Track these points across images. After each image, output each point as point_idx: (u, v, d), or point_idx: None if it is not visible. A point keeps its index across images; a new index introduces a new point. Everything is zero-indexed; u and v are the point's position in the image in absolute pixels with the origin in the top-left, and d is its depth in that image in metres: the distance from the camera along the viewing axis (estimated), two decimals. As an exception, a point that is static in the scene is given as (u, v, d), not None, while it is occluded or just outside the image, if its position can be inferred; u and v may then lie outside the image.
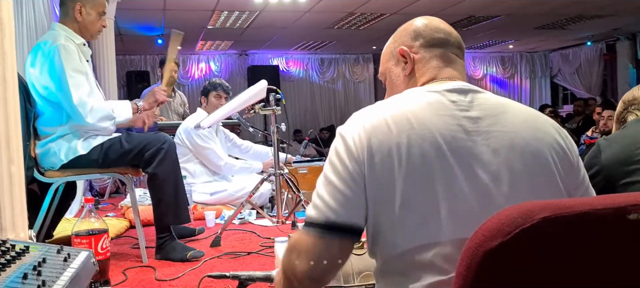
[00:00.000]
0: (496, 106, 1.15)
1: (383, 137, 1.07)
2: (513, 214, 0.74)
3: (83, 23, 2.73)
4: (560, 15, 8.84)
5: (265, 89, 3.26)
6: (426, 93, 1.16)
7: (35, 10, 3.92)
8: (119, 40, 8.20)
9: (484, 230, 0.76)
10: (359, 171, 1.07)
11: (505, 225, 0.74)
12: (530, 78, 13.60)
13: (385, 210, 1.07)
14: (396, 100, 1.17)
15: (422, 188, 1.05)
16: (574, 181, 1.15)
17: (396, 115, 1.10)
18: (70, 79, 2.57)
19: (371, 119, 1.11)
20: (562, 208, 0.73)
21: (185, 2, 7.05)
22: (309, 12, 7.81)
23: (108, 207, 4.88)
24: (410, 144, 1.06)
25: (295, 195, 3.34)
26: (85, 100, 2.60)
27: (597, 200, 0.77)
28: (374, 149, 1.07)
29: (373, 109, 1.15)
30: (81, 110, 2.59)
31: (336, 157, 1.11)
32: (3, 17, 1.81)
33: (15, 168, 1.88)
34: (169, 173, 2.75)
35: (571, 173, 1.15)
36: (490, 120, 1.12)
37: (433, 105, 1.12)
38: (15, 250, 1.47)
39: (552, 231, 0.73)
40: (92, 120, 2.62)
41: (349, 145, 1.09)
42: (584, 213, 0.74)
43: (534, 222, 0.72)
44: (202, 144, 4.31)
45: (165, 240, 2.79)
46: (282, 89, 4.96)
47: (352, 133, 1.10)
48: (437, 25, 1.28)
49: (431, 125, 1.09)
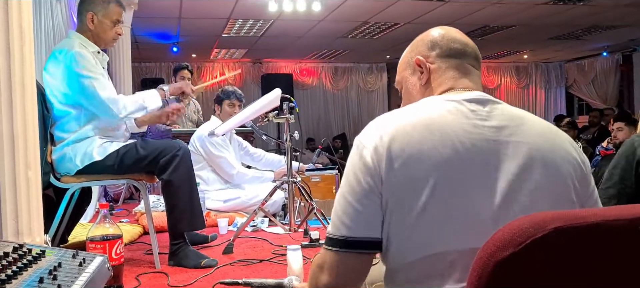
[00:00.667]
0: (514, 117, 1.15)
1: (403, 143, 1.07)
2: (525, 224, 0.74)
3: (95, 31, 2.76)
4: (575, 26, 8.79)
5: (279, 97, 3.27)
6: (445, 101, 1.17)
7: (53, 18, 3.98)
8: (134, 48, 8.28)
9: (496, 240, 0.76)
10: (374, 185, 1.08)
11: (516, 236, 0.74)
12: (545, 88, 13.50)
13: (401, 217, 1.07)
14: (415, 108, 1.17)
15: (440, 195, 1.05)
16: (585, 194, 1.15)
17: (416, 121, 1.11)
18: (94, 82, 2.63)
19: (390, 126, 1.11)
20: (574, 219, 0.73)
21: (200, 11, 7.11)
22: (323, 21, 7.83)
23: (122, 212, 4.91)
24: (430, 150, 1.06)
25: (307, 203, 3.34)
26: (114, 97, 2.68)
27: (609, 211, 0.77)
28: (394, 155, 1.07)
29: (392, 115, 1.15)
30: (113, 106, 2.66)
31: (352, 172, 1.12)
32: (23, 24, 1.84)
33: (33, 174, 1.91)
34: (183, 180, 2.76)
35: (585, 187, 1.15)
36: (509, 130, 1.12)
37: (452, 113, 1.13)
38: (32, 254, 1.49)
39: (563, 241, 0.73)
40: (125, 113, 2.70)
41: (365, 159, 1.09)
42: (596, 224, 0.74)
43: (546, 233, 0.72)
44: (215, 152, 4.33)
45: (179, 246, 2.80)
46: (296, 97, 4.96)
47: (369, 143, 1.11)
48: (453, 35, 1.28)
49: (451, 132, 1.09)
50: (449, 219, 1.05)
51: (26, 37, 1.86)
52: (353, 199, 1.10)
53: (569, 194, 1.10)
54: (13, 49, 1.80)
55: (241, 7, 6.95)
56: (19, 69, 1.83)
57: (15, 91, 1.82)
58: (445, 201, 1.05)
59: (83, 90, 2.62)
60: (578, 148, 1.19)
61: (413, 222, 1.05)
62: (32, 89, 1.91)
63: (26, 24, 1.86)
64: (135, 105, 2.75)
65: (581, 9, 7.55)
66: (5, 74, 1.79)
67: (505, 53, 11.66)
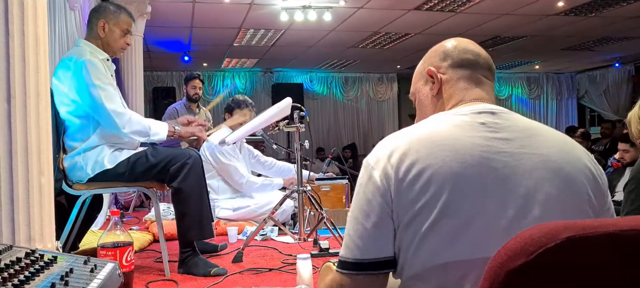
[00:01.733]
0: (526, 128, 1.15)
1: (412, 162, 1.07)
2: (537, 234, 0.73)
3: (106, 39, 2.79)
4: (587, 37, 8.75)
5: (290, 106, 3.28)
6: (453, 116, 1.17)
7: (67, 26, 4.03)
8: (146, 57, 8.36)
9: (507, 249, 0.75)
10: (385, 205, 1.08)
11: (528, 245, 0.73)
12: (556, 99, 13.44)
13: (412, 231, 1.07)
14: (423, 125, 1.18)
15: (451, 211, 1.04)
16: (601, 207, 1.14)
17: (424, 138, 1.11)
18: (101, 92, 2.62)
19: (399, 144, 1.11)
20: (587, 229, 0.73)
21: (212, 21, 7.16)
22: (334, 31, 7.86)
23: (132, 220, 4.94)
24: (439, 166, 1.06)
25: (317, 212, 3.34)
26: (120, 110, 2.66)
27: (622, 221, 0.76)
28: (403, 174, 1.07)
29: (400, 134, 1.16)
30: (118, 119, 2.64)
31: (362, 193, 1.13)
32: (38, 33, 1.87)
33: (46, 180, 1.93)
34: (193, 188, 2.77)
35: (600, 199, 1.14)
36: (521, 142, 1.11)
37: (461, 128, 1.12)
38: (44, 260, 1.50)
39: (576, 251, 0.72)
40: (128, 130, 2.67)
41: (375, 179, 1.10)
42: (609, 234, 0.73)
43: (558, 242, 0.72)
44: (224, 160, 4.34)
45: (188, 255, 2.80)
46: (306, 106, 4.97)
47: (378, 163, 1.11)
48: (465, 46, 1.29)
49: (460, 146, 1.08)
50: (460, 233, 1.04)
51: (41, 45, 1.88)
52: (364, 220, 1.11)
53: (583, 207, 1.09)
54: (28, 57, 1.82)
55: (253, 17, 7.00)
56: (33, 77, 1.85)
57: (30, 98, 1.84)
58: (456, 216, 1.04)
59: (91, 99, 2.62)
60: (594, 160, 1.18)
61: (423, 234, 1.05)
62: (46, 97, 1.93)
63: (41, 33, 1.89)
64: (140, 127, 2.70)
65: (593, 20, 7.52)
66: (21, 82, 1.81)
67: (516, 63, 11.63)
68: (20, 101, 1.82)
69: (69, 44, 3.98)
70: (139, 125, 2.70)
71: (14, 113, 1.81)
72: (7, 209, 1.81)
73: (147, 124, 2.73)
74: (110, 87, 2.69)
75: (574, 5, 6.73)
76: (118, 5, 2.89)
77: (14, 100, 1.80)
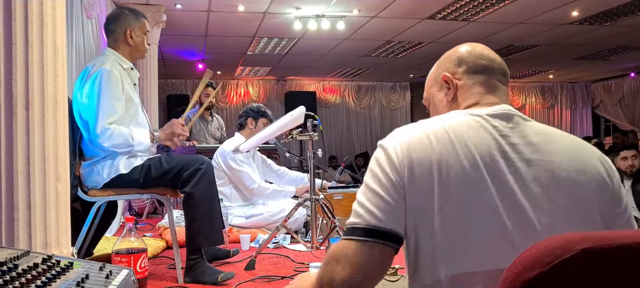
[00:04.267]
0: (540, 134, 1.14)
1: (423, 152, 1.08)
2: (553, 245, 0.73)
3: (135, 46, 2.84)
4: (601, 46, 8.69)
5: (303, 114, 3.29)
6: (468, 115, 1.17)
7: (84, 35, 4.08)
8: (161, 65, 8.43)
9: (523, 259, 0.75)
10: (399, 180, 1.08)
11: (544, 256, 0.73)
12: (570, 109, 13.34)
13: (425, 226, 1.07)
14: (437, 119, 1.18)
15: (460, 210, 1.05)
16: (614, 212, 1.13)
17: (437, 131, 1.12)
18: (103, 103, 2.62)
19: (412, 134, 1.12)
20: (603, 240, 0.73)
21: (226, 29, 7.21)
22: (347, 39, 7.88)
23: (146, 227, 4.97)
24: (449, 161, 1.07)
25: (330, 221, 3.34)
26: (106, 126, 2.62)
27: (638, 234, 0.76)
28: (415, 163, 1.08)
29: (414, 125, 1.17)
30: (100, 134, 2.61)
31: (377, 166, 1.13)
32: (57, 42, 1.90)
33: (62, 187, 1.96)
34: (204, 193, 2.76)
35: (612, 205, 1.13)
36: (532, 148, 1.11)
37: (474, 128, 1.13)
38: (60, 265, 1.52)
39: (592, 263, 0.72)
40: (108, 144, 2.63)
41: (391, 156, 1.11)
42: (626, 246, 0.73)
43: (574, 254, 0.72)
44: (236, 167, 4.36)
45: (195, 261, 2.76)
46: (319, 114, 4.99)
47: (393, 145, 1.12)
48: (480, 51, 1.29)
49: (471, 145, 1.09)
50: (469, 237, 1.04)
51: (59, 54, 1.91)
52: (381, 190, 1.10)
53: (592, 214, 1.09)
54: (47, 66, 1.85)
55: (266, 25, 7.04)
56: (52, 85, 1.88)
57: (48, 106, 1.87)
58: (464, 219, 1.05)
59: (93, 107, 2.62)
60: (609, 165, 1.16)
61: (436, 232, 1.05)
62: (64, 105, 1.96)
63: (60, 41, 1.92)
64: (121, 139, 2.65)
65: (607, 29, 7.47)
66: (39, 89, 1.84)
67: (530, 73, 11.56)
68: (38, 108, 1.85)
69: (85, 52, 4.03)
70: (121, 138, 2.65)
71: (32, 120, 1.84)
72: (24, 214, 1.84)
73: (129, 135, 2.69)
74: (117, 102, 2.67)
75: (588, 14, 6.69)
76: (132, 10, 2.92)
77: (32, 107, 1.83)
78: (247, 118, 4.58)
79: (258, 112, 4.56)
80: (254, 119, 4.55)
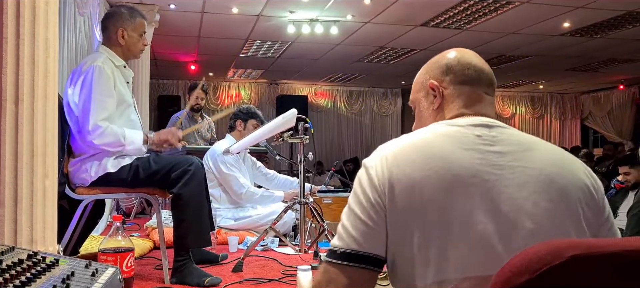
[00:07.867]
0: (521, 142, 1.15)
1: (405, 169, 1.09)
2: (541, 251, 0.73)
3: (126, 46, 2.82)
4: (592, 58, 8.77)
5: (295, 117, 3.29)
6: (450, 127, 1.17)
7: (76, 33, 4.06)
8: (153, 65, 8.39)
9: (511, 266, 0.75)
10: (380, 201, 1.09)
11: (533, 263, 0.73)
12: (560, 119, 13.44)
13: (404, 242, 1.07)
14: (420, 134, 1.18)
15: (442, 222, 1.05)
16: (598, 220, 1.14)
17: (419, 147, 1.12)
18: (95, 100, 2.60)
19: (394, 151, 1.13)
20: (592, 248, 0.73)
21: (219, 31, 7.20)
22: (340, 45, 7.89)
23: (133, 227, 4.93)
24: (431, 177, 1.07)
25: (319, 224, 3.34)
26: (98, 123, 2.60)
27: (627, 242, 0.76)
28: (395, 181, 1.08)
29: (396, 141, 1.17)
30: (92, 131, 2.59)
31: (359, 187, 1.14)
32: (49, 36, 1.88)
33: (49, 183, 1.94)
34: (193, 195, 2.75)
35: (597, 213, 1.13)
36: (515, 156, 1.12)
37: (457, 139, 1.13)
38: (46, 262, 1.50)
39: (581, 270, 0.72)
40: (99, 142, 2.61)
41: (371, 176, 1.11)
42: (614, 254, 0.73)
43: (563, 260, 0.72)
44: (225, 170, 4.34)
45: (182, 263, 2.74)
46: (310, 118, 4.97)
47: (375, 164, 1.13)
48: (469, 60, 1.28)
49: (454, 158, 1.09)
50: (451, 246, 1.04)
51: (51, 49, 1.90)
52: (361, 213, 1.11)
53: (577, 221, 1.09)
54: (38, 61, 1.83)
55: (260, 28, 7.03)
56: (42, 80, 1.86)
57: (38, 102, 1.85)
58: (447, 228, 1.05)
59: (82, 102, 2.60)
60: (592, 175, 1.17)
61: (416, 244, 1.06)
62: (54, 101, 1.94)
63: (52, 37, 1.90)
64: (113, 138, 2.63)
65: (598, 42, 7.53)
66: (29, 84, 1.82)
67: (521, 83, 11.64)
68: (27, 104, 1.83)
69: (77, 49, 4.00)
70: (112, 136, 2.63)
71: (21, 115, 1.82)
72: (10, 210, 1.82)
73: (122, 134, 2.67)
74: (108, 98, 2.65)
75: (579, 26, 6.75)
76: (131, 8, 2.88)
77: (22, 102, 1.82)
78: (236, 119, 4.57)
79: (247, 113, 4.55)
80: (243, 120, 4.54)
